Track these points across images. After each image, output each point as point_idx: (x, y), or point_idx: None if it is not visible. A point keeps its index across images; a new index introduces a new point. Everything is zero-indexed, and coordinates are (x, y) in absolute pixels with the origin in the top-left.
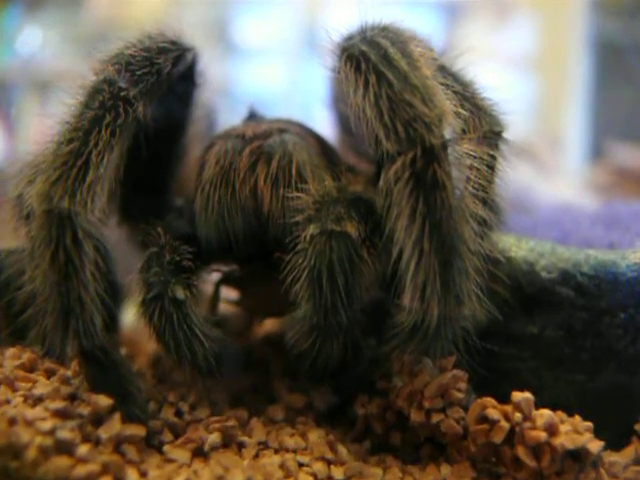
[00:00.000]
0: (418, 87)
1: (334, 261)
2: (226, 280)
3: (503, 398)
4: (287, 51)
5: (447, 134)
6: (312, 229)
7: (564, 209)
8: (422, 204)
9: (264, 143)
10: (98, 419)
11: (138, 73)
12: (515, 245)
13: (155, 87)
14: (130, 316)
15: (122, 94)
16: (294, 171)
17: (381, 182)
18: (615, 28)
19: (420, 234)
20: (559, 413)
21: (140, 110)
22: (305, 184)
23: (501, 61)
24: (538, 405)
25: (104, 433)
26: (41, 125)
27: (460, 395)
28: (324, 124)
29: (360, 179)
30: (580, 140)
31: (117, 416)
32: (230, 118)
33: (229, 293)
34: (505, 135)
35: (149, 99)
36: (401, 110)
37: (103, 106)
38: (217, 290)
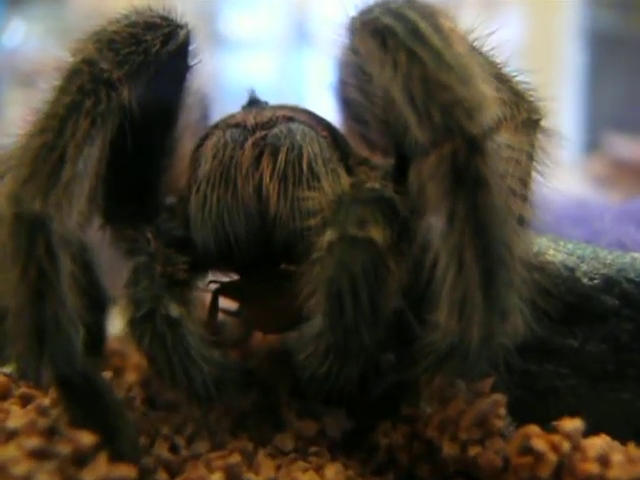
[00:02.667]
0: (454, 67)
1: (357, 273)
2: (225, 289)
3: (538, 420)
4: (277, 43)
5: (487, 122)
6: (330, 235)
7: (582, 204)
8: (462, 205)
9: (269, 133)
10: (81, 459)
11: (123, 52)
12: (552, 247)
13: (142, 69)
14: (118, 324)
15: (104, 76)
16: (305, 166)
17: (411, 178)
18: (608, 19)
19: (459, 241)
20: (606, 439)
21: (125, 95)
22: (318, 181)
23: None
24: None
25: (88, 476)
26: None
27: (500, 423)
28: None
29: (376, 174)
30: (574, 132)
31: (103, 455)
32: (220, 111)
33: (227, 303)
34: (544, 124)
35: (135, 82)
36: (437, 94)
37: (82, 90)
38: (215, 301)
